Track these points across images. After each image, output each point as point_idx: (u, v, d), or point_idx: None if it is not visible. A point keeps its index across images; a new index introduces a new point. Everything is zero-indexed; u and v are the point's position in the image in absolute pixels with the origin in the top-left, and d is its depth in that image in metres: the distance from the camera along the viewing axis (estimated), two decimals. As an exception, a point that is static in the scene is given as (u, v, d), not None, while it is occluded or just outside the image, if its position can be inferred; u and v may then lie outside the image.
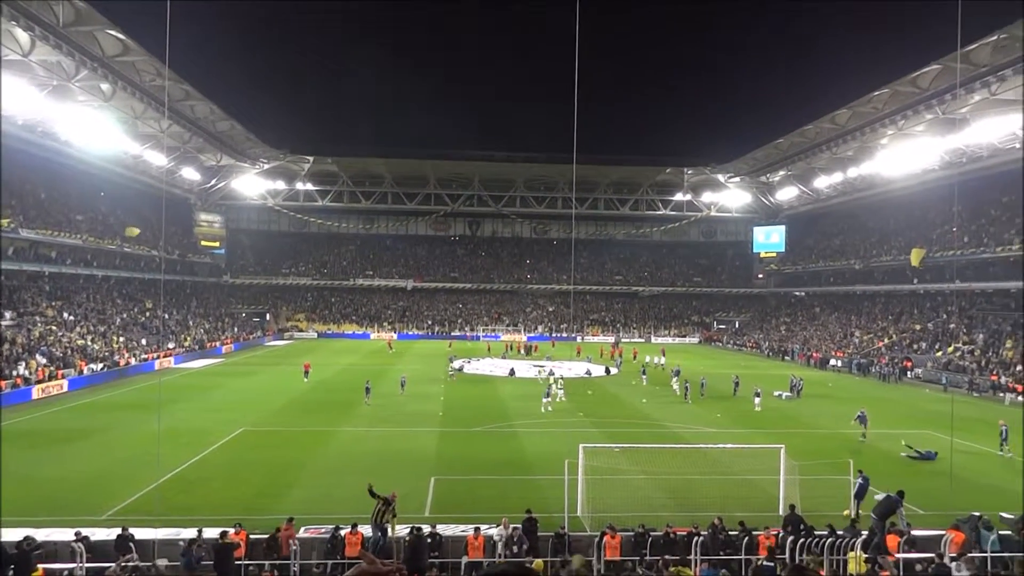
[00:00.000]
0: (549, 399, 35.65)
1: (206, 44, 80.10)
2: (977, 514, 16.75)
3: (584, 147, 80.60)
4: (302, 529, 16.43)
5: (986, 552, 15.10)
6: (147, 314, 61.88)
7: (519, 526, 15.85)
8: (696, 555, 14.88)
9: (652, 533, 15.76)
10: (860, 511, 18.42)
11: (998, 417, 30.27)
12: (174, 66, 49.94)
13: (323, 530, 16.28)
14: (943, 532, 16.07)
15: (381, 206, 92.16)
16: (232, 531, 14.99)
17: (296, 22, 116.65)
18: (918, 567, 14.57)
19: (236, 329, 75.13)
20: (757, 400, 36.81)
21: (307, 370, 45.79)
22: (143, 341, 54.47)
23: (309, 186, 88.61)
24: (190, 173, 73.93)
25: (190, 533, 15.22)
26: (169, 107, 54.24)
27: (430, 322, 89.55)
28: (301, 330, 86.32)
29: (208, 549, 14.43)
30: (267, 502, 19.79)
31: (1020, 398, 41.32)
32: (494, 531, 15.76)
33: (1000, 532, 16.21)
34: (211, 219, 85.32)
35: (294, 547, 15.02)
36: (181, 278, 76.51)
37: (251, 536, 15.47)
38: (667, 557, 14.20)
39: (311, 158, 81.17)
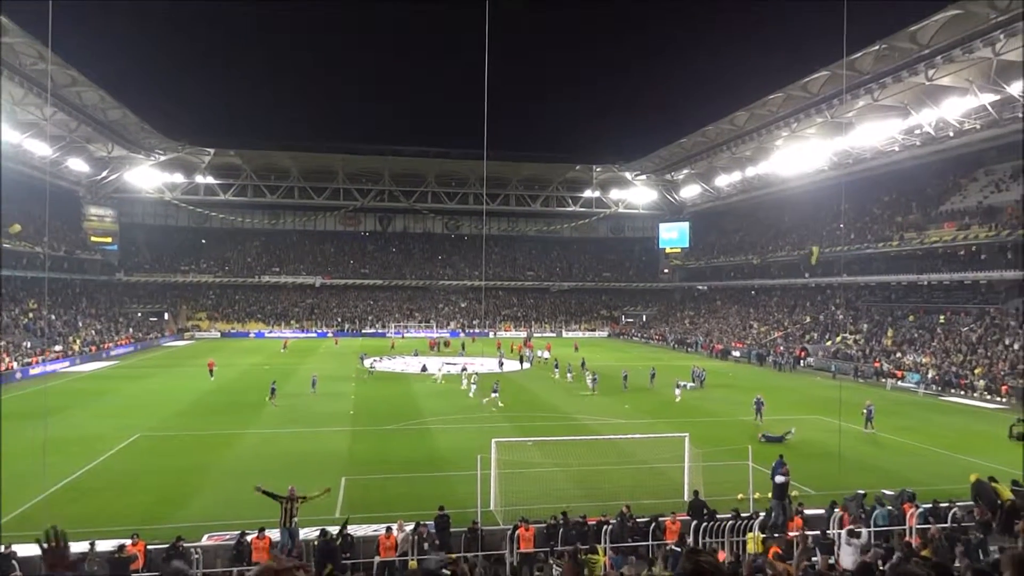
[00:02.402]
0: (497, 395, 35.78)
1: (96, 27, 75.40)
2: (862, 492, 18.00)
3: (495, 143, 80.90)
4: (204, 537, 15.79)
5: (874, 527, 16.19)
6: (30, 315, 57.71)
7: (426, 524, 15.77)
8: (605, 543, 15.28)
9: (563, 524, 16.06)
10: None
11: (883, 401, 32.49)
12: (59, 50, 46.65)
13: (227, 536, 15.71)
14: (828, 510, 17.14)
15: (287, 200, 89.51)
16: (129, 543, 14.20)
17: (193, 9, 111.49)
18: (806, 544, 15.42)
19: (131, 329, 71.11)
20: (678, 391, 38.16)
21: (211, 368, 44.19)
22: (27, 344, 50.80)
23: (210, 179, 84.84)
24: (78, 164, 69.30)
25: (82, 547, 14.31)
26: (53, 93, 50.72)
27: (339, 320, 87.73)
28: (202, 329, 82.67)
29: (102, 563, 13.62)
30: (167, 510, 18.90)
31: (900, 383, 44.61)
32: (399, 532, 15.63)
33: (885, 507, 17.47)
34: (102, 213, 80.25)
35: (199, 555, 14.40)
36: (69, 276, 71.57)
37: (149, 547, 14.70)
38: (578, 545, 14.50)
39: (211, 150, 77.72)
